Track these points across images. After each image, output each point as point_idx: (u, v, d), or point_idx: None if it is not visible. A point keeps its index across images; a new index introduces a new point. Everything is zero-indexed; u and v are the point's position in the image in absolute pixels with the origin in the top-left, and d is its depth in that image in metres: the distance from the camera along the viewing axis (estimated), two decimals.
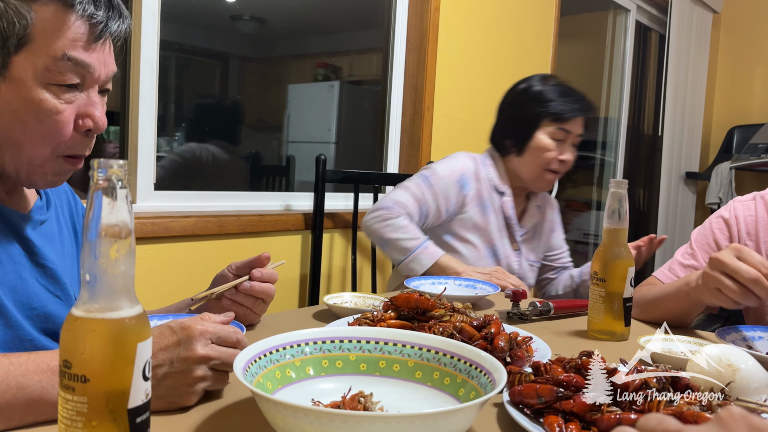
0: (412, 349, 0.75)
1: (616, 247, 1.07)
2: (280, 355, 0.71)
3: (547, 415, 0.64)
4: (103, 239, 0.45)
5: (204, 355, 0.67)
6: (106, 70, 0.82)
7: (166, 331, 0.68)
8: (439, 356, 0.73)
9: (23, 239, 0.85)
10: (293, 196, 2.12)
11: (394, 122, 2.40)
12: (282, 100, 2.79)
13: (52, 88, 0.77)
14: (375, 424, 0.53)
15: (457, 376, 0.71)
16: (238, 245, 1.83)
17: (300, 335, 0.75)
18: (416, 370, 0.74)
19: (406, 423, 0.53)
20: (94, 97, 0.81)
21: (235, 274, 1.02)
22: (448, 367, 0.72)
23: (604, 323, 1.07)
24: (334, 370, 0.74)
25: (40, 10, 0.75)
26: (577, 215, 4.38)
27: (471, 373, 0.69)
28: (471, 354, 0.71)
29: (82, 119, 0.80)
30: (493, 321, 0.87)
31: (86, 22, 0.77)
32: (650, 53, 4.19)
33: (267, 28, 2.69)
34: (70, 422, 0.46)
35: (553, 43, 2.98)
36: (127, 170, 0.47)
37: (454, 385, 0.70)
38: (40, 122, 0.77)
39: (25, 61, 0.75)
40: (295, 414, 0.54)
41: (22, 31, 0.74)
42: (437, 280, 1.41)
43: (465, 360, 0.71)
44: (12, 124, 0.77)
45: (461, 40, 2.49)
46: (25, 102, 0.76)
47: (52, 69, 0.75)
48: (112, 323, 0.46)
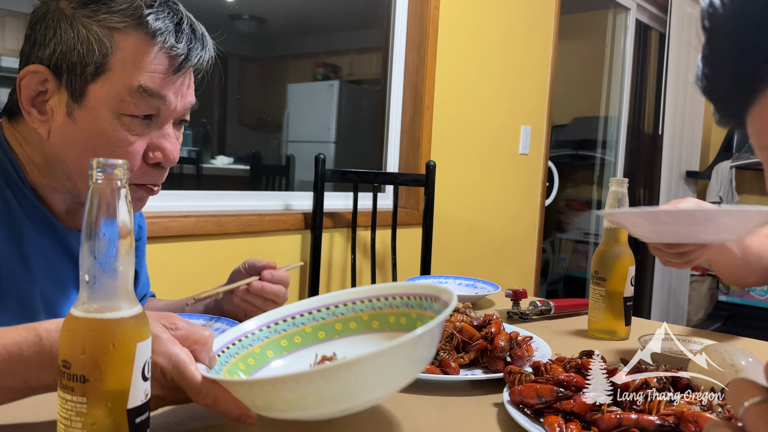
0: (363, 304, 0.77)
1: (616, 247, 1.07)
2: (238, 348, 0.72)
3: (548, 415, 0.64)
4: (102, 239, 0.45)
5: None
6: (183, 103, 0.80)
7: None
8: (390, 301, 0.76)
9: (74, 258, 0.84)
10: (293, 196, 2.12)
11: (394, 121, 2.40)
12: (282, 99, 2.79)
13: (125, 119, 0.75)
14: (350, 369, 0.53)
15: (411, 313, 0.73)
16: (237, 245, 1.83)
17: (250, 325, 0.75)
18: (372, 321, 0.76)
19: (357, 366, 0.53)
20: (168, 130, 0.80)
21: (247, 272, 1.01)
22: (401, 307, 0.74)
23: (604, 323, 1.07)
24: (295, 347, 0.76)
25: (121, 39, 0.74)
26: (577, 215, 4.38)
27: (423, 305, 0.72)
28: (418, 288, 0.74)
29: (153, 152, 0.79)
30: (493, 320, 0.87)
31: (166, 55, 0.76)
32: (650, 52, 4.19)
33: (267, 27, 2.69)
34: (69, 422, 0.46)
35: (553, 41, 2.98)
36: (127, 170, 0.47)
37: (411, 322, 0.73)
38: (111, 153, 0.75)
39: (101, 90, 0.74)
40: (273, 387, 0.55)
41: (101, 59, 0.73)
42: (437, 280, 1.40)
43: (413, 296, 0.74)
44: (83, 153, 0.76)
45: (461, 39, 2.48)
46: (97, 132, 0.75)
47: (127, 100, 0.74)
48: (112, 323, 0.46)
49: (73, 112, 0.75)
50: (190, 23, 0.79)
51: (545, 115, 3.01)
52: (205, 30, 0.82)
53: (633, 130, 4.03)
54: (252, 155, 2.73)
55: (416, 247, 2.22)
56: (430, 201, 2.15)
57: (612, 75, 3.92)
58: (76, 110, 0.75)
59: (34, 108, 0.76)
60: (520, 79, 2.83)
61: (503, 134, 2.79)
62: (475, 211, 2.68)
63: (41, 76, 0.75)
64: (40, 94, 0.76)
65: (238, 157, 2.71)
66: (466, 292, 1.36)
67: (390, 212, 2.16)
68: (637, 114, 4.15)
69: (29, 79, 0.75)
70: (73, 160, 0.77)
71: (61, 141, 0.76)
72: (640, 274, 3.96)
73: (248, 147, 2.76)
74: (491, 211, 2.77)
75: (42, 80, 0.75)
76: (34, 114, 0.76)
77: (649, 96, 4.25)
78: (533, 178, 3.01)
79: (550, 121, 3.07)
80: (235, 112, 2.77)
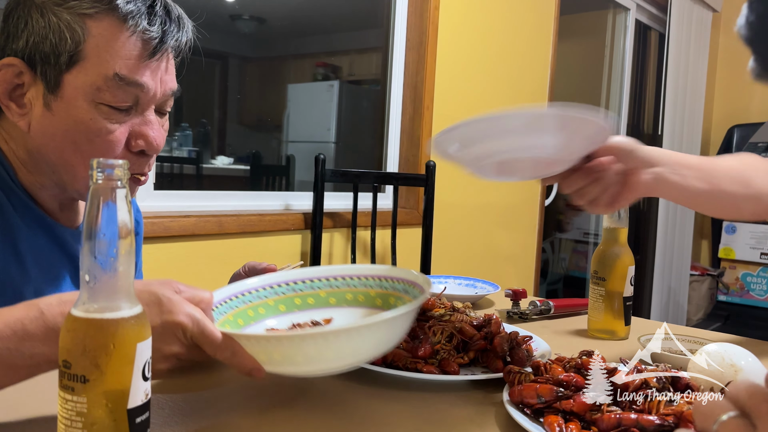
0: (353, 280, 0.83)
1: (616, 246, 1.07)
2: (227, 307, 0.76)
3: (547, 415, 0.64)
4: (102, 239, 0.45)
5: (181, 322, 0.61)
6: (163, 89, 0.78)
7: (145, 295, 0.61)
8: (376, 281, 0.81)
9: (70, 256, 0.84)
10: (293, 196, 2.12)
11: (394, 121, 2.40)
12: (282, 99, 2.79)
13: (103, 108, 0.74)
14: (369, 329, 0.60)
15: (390, 294, 0.79)
16: (237, 245, 1.83)
17: (249, 283, 0.80)
18: (355, 296, 0.82)
19: (374, 327, 0.61)
20: (150, 117, 0.78)
21: (247, 275, 1.01)
22: (385, 288, 0.80)
23: (604, 322, 1.07)
24: (291, 309, 0.82)
25: (93, 26, 0.72)
26: (577, 215, 4.38)
27: (396, 287, 0.78)
28: (401, 274, 0.79)
29: (135, 140, 0.77)
30: (493, 320, 0.87)
31: (139, 38, 0.74)
32: (650, 52, 4.19)
33: (267, 27, 2.69)
34: (69, 422, 0.46)
35: (552, 42, 2.98)
36: (127, 170, 0.47)
37: (387, 303, 0.79)
38: (91, 142, 0.74)
39: (76, 79, 0.73)
40: (295, 342, 0.60)
41: (74, 48, 0.72)
42: (437, 280, 1.41)
43: (396, 279, 0.79)
44: (64, 144, 0.75)
45: (461, 40, 2.49)
46: (75, 122, 0.73)
47: (103, 88, 0.73)
48: (112, 323, 0.46)
49: (50, 104, 0.74)
50: (164, 5, 0.77)
51: None
52: (183, 12, 0.80)
53: (633, 129, 4.03)
54: (252, 155, 2.73)
55: (416, 247, 2.23)
56: (430, 201, 2.15)
57: (612, 75, 3.92)
58: (53, 101, 0.74)
59: (12, 102, 0.75)
60: (520, 79, 2.83)
61: None
62: (474, 211, 2.68)
63: (16, 68, 0.74)
64: (17, 87, 0.75)
65: (238, 157, 2.71)
66: (466, 291, 1.36)
67: (390, 212, 2.16)
68: (637, 114, 4.15)
69: (5, 72, 0.74)
70: (55, 152, 0.76)
71: (42, 133, 0.75)
72: (640, 274, 3.96)
73: (248, 147, 2.77)
74: (491, 211, 2.78)
75: (17, 73, 0.74)
76: (12, 108, 0.75)
77: (649, 96, 4.25)
78: None
79: None
80: (235, 113, 2.78)
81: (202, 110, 2.60)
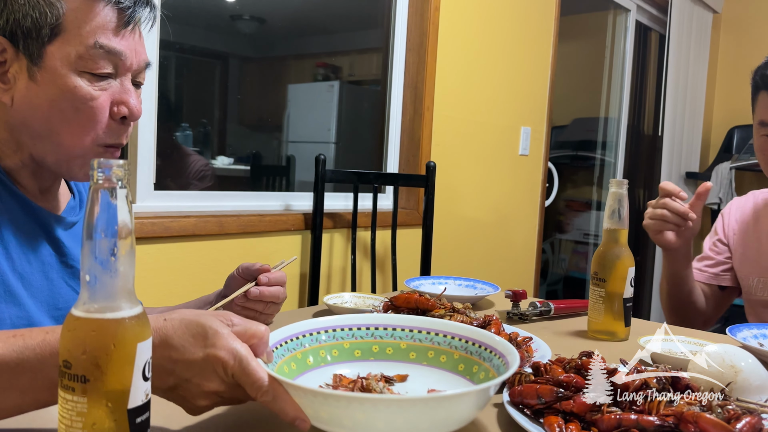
0: (420, 334, 0.77)
1: (616, 248, 1.07)
2: (297, 344, 0.72)
3: (547, 416, 0.64)
4: (103, 239, 0.45)
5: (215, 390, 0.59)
6: (137, 59, 0.83)
7: (191, 340, 0.58)
8: (449, 339, 0.75)
9: (54, 240, 0.85)
10: (293, 196, 2.12)
11: (394, 122, 2.40)
12: (282, 100, 2.79)
13: (86, 76, 0.78)
14: (428, 404, 0.55)
15: (470, 359, 0.73)
16: (238, 245, 1.83)
17: (306, 326, 0.75)
18: (415, 352, 0.76)
19: (437, 402, 0.55)
20: (128, 85, 0.82)
21: (242, 277, 1.01)
22: (459, 350, 0.74)
23: (604, 323, 1.07)
24: (345, 358, 0.76)
25: (70, 0, 0.76)
26: (577, 215, 4.38)
27: (483, 355, 0.71)
28: (483, 337, 0.73)
29: (117, 106, 0.81)
30: (493, 321, 0.87)
31: (114, 9, 0.79)
32: (650, 53, 4.19)
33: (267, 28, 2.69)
34: (70, 422, 0.46)
35: (553, 42, 2.98)
36: (128, 170, 0.47)
37: (468, 368, 0.72)
38: (77, 110, 0.78)
39: (58, 50, 0.76)
40: (345, 403, 0.55)
41: (54, 21, 0.76)
42: (437, 280, 1.41)
43: (476, 342, 0.73)
44: (50, 113, 0.78)
45: (461, 40, 2.49)
46: (60, 90, 0.77)
47: (85, 56, 0.77)
48: (112, 323, 0.46)
49: (35, 75, 0.77)
50: None
51: (545, 116, 3.01)
52: None
53: (633, 131, 4.03)
54: (252, 156, 2.73)
55: (416, 248, 2.23)
56: (430, 202, 2.15)
57: (612, 76, 3.92)
58: (38, 72, 0.77)
59: None
60: (520, 80, 2.83)
61: (503, 135, 2.79)
62: (475, 212, 2.68)
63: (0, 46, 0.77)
64: (0, 64, 0.78)
65: (238, 157, 2.71)
66: (466, 292, 1.36)
67: (390, 213, 2.17)
68: (637, 115, 4.15)
69: None
70: (41, 122, 0.78)
71: (27, 105, 0.78)
72: (640, 275, 3.96)
73: (248, 147, 2.77)
74: (491, 211, 2.78)
75: (0, 50, 0.77)
76: None
77: (649, 97, 4.25)
78: (533, 178, 3.02)
79: (550, 122, 3.07)
80: (235, 113, 2.77)
81: (202, 110, 2.60)
